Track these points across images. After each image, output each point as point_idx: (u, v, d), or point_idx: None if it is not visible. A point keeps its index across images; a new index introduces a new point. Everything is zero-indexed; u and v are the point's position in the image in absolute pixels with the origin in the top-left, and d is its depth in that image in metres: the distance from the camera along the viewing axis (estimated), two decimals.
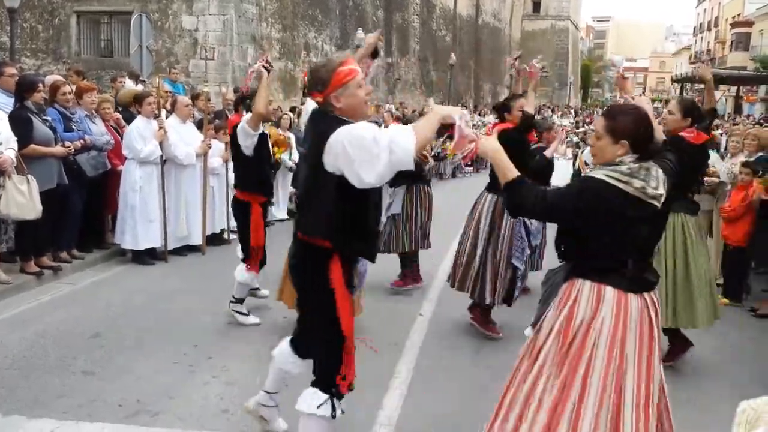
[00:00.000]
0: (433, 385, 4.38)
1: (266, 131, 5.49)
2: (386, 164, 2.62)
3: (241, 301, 5.35)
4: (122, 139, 7.11)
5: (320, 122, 2.91)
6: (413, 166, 2.68)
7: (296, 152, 9.80)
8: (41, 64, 18.46)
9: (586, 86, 73.71)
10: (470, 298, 5.30)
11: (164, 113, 7.39)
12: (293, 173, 9.93)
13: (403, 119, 17.16)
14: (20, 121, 5.79)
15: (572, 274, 2.81)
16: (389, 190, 6.40)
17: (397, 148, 2.61)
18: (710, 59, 50.85)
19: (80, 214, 6.70)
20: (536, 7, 54.93)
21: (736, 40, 45.23)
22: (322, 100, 2.90)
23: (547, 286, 4.34)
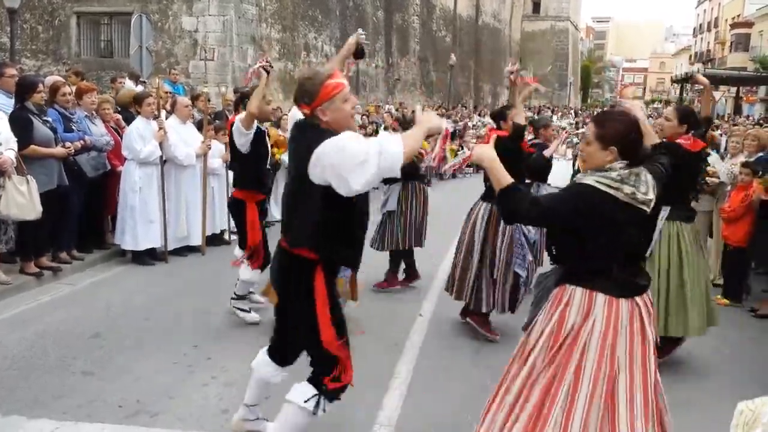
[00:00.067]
0: (433, 385, 4.38)
1: (266, 130, 5.50)
2: (375, 171, 2.67)
3: (242, 298, 5.37)
4: (122, 139, 7.11)
5: (306, 134, 2.94)
6: (399, 173, 2.74)
7: None
8: (41, 64, 18.47)
9: (585, 87, 73.73)
10: (468, 307, 5.31)
11: (164, 114, 7.39)
12: None
13: (403, 119, 17.19)
14: (21, 121, 5.79)
15: (564, 279, 2.84)
16: (384, 187, 6.42)
17: (386, 154, 2.66)
18: (709, 60, 50.86)
19: (80, 214, 6.70)
20: (536, 7, 54.95)
21: (735, 40, 45.26)
22: (309, 112, 2.93)
23: (539, 289, 4.35)
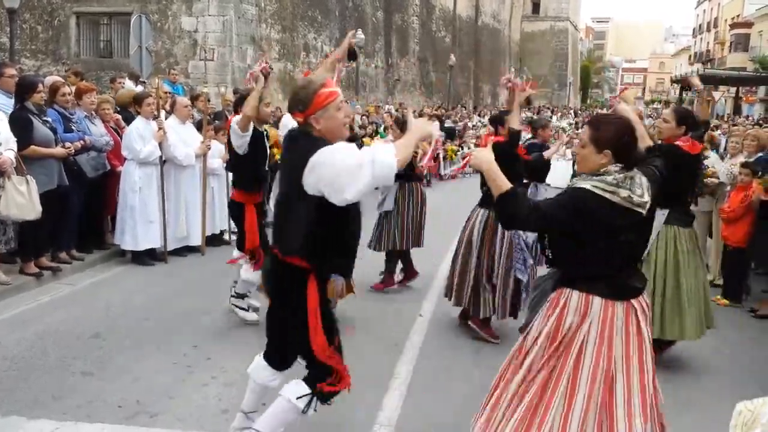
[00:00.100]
0: (433, 385, 4.38)
1: (265, 132, 5.50)
2: (369, 180, 2.69)
3: (242, 296, 5.37)
4: (122, 139, 7.11)
5: (300, 142, 2.97)
6: (393, 181, 2.79)
7: None
8: (41, 65, 18.47)
9: (585, 87, 73.77)
10: (468, 313, 5.32)
11: (163, 114, 7.39)
12: None
13: (403, 120, 17.20)
14: (20, 122, 5.78)
15: (561, 282, 2.86)
16: (381, 187, 6.40)
17: (380, 164, 2.69)
18: (708, 60, 50.85)
19: (80, 214, 6.70)
20: (536, 8, 54.96)
21: (735, 41, 45.28)
22: (302, 120, 2.95)
23: (536, 292, 4.34)
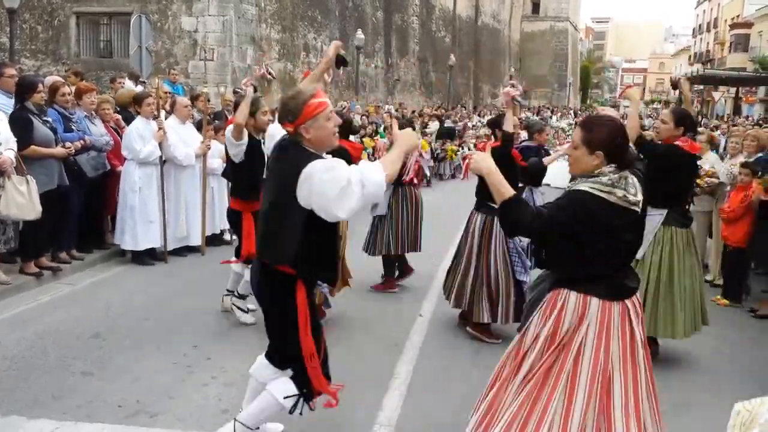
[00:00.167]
0: (433, 385, 4.38)
1: (262, 140, 5.51)
2: (359, 199, 2.78)
3: (243, 297, 5.38)
4: (122, 139, 7.11)
5: (290, 152, 3.01)
6: (383, 198, 2.80)
7: None
8: (41, 65, 18.47)
9: (585, 87, 73.77)
10: (468, 317, 5.32)
11: (163, 114, 7.39)
12: None
13: (402, 120, 17.19)
14: (21, 122, 5.78)
15: (558, 283, 2.88)
16: None
17: (368, 183, 2.77)
18: (708, 60, 50.84)
19: (80, 214, 6.70)
20: (535, 8, 54.95)
21: (735, 41, 45.27)
22: (292, 130, 3.00)
23: (534, 292, 4.34)
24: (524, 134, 7.64)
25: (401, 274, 6.63)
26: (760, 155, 6.93)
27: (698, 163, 6.61)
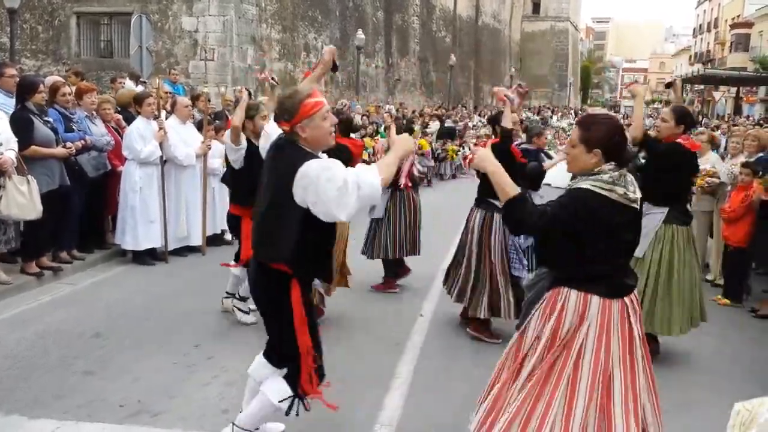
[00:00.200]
0: (434, 385, 4.38)
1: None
2: (355, 202, 2.80)
3: (244, 299, 5.38)
4: (122, 139, 7.11)
5: (286, 151, 3.02)
6: (380, 201, 2.81)
7: None
8: (41, 65, 18.47)
9: (585, 87, 73.77)
10: (468, 312, 5.32)
11: (164, 114, 7.39)
12: None
13: (403, 123, 17.19)
14: (21, 122, 5.79)
15: (558, 282, 2.88)
16: None
17: (364, 185, 2.79)
18: (709, 60, 50.75)
19: (81, 214, 6.70)
20: (536, 8, 54.94)
21: (735, 41, 45.25)
22: (288, 129, 3.01)
23: (532, 291, 4.34)
24: (523, 136, 7.64)
25: (397, 275, 6.63)
26: (760, 155, 6.93)
27: (699, 162, 6.63)
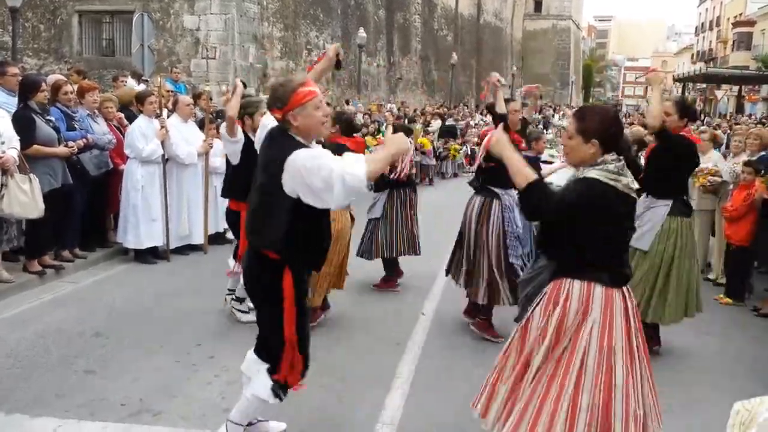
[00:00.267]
0: (435, 384, 4.38)
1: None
2: (341, 192, 2.79)
3: (241, 300, 5.37)
4: (124, 138, 7.11)
5: (278, 141, 3.04)
6: (365, 191, 2.87)
7: None
8: (43, 63, 18.49)
9: (588, 86, 73.69)
10: (466, 296, 5.33)
11: (166, 112, 7.39)
12: None
13: (404, 118, 17.22)
14: (23, 121, 5.79)
15: (561, 272, 2.89)
16: (372, 194, 6.45)
17: (348, 176, 2.77)
18: (711, 58, 50.69)
19: (83, 213, 6.71)
20: (538, 6, 54.91)
21: (737, 39, 45.14)
22: (280, 117, 3.03)
23: (531, 285, 4.32)
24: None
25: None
26: (762, 154, 6.92)
27: (701, 161, 6.63)
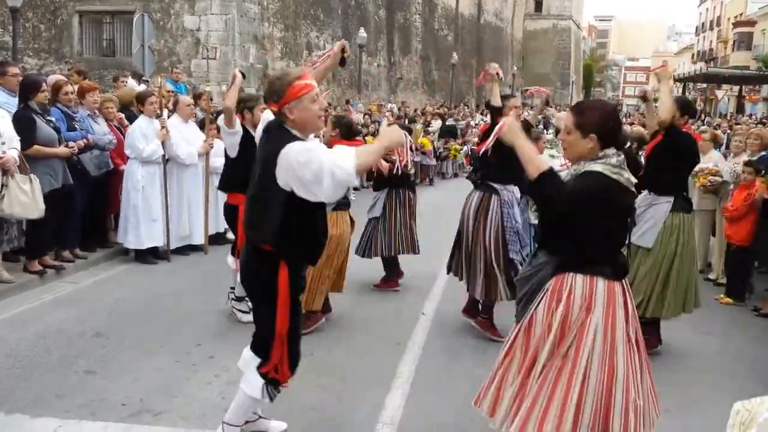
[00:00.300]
0: (435, 384, 4.38)
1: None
2: (329, 186, 2.79)
3: (241, 299, 5.37)
4: (125, 138, 7.11)
5: (273, 134, 3.05)
6: (357, 183, 2.79)
7: None
8: (43, 63, 18.49)
9: (588, 86, 73.66)
10: (469, 310, 5.35)
11: (166, 113, 7.39)
12: None
13: (405, 118, 17.21)
14: (24, 121, 5.79)
15: (563, 267, 2.89)
16: (372, 193, 6.48)
17: (338, 169, 2.76)
18: (711, 58, 50.67)
19: (83, 213, 6.71)
20: (538, 6, 54.90)
21: (738, 39, 45.13)
22: (276, 110, 3.03)
23: (529, 283, 4.30)
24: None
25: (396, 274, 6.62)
26: (763, 154, 6.92)
27: (702, 161, 6.63)
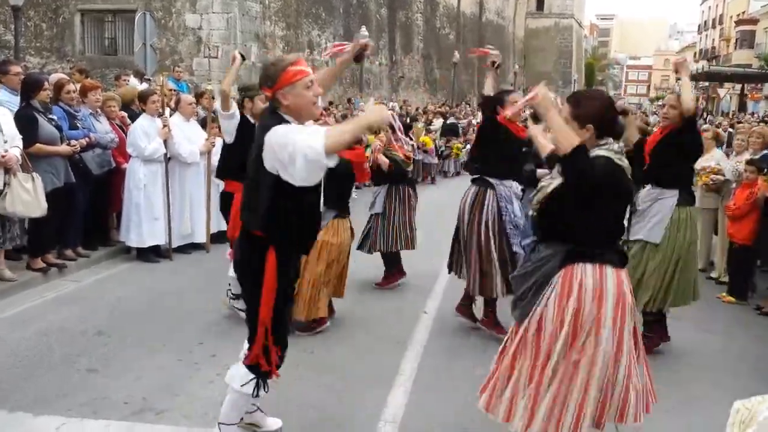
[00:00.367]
0: (437, 383, 4.37)
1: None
2: (302, 167, 2.76)
3: (238, 297, 5.35)
4: (126, 137, 7.11)
5: (267, 121, 3.06)
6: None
7: None
8: (45, 62, 18.50)
9: (590, 84, 73.33)
10: (469, 311, 5.36)
11: (168, 111, 7.39)
12: None
13: (407, 117, 17.20)
14: (26, 119, 5.80)
15: (570, 258, 2.86)
16: (373, 189, 6.51)
17: (309, 150, 2.73)
18: (713, 57, 50.54)
19: (85, 212, 6.72)
20: (540, 5, 54.81)
21: (740, 37, 45.06)
22: (270, 95, 3.04)
23: (532, 278, 4.26)
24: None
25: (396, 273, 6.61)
26: (765, 152, 6.90)
27: (704, 159, 6.62)
